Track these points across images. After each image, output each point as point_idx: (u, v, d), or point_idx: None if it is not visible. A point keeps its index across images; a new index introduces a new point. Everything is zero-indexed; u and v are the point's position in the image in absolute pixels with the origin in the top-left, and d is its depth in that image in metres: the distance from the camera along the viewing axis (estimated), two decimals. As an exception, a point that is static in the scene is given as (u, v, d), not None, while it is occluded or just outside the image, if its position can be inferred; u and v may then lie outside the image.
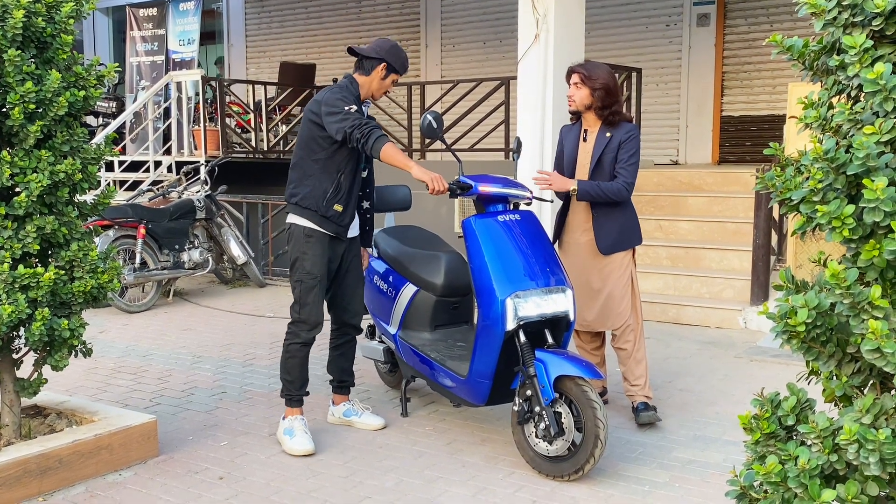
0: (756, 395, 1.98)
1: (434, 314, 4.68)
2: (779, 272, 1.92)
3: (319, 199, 4.18)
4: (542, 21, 7.16)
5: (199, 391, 5.37)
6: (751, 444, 1.91)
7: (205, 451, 4.34)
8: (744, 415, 1.93)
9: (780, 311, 1.80)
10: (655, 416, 4.56)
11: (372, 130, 3.97)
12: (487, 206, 4.21)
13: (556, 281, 4.05)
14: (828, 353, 1.84)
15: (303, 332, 4.30)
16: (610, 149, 4.45)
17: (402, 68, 4.28)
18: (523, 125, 7.27)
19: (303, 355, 4.35)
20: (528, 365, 3.91)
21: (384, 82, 4.27)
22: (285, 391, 4.40)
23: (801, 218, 1.87)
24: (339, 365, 4.61)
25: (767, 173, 1.97)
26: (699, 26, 10.65)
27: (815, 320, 1.78)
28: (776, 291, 6.86)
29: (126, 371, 5.84)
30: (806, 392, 1.96)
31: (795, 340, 1.82)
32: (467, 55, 12.16)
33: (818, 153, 1.75)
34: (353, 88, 4.22)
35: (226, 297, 8.59)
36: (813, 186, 1.77)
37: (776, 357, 6.04)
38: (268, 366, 5.93)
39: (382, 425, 4.57)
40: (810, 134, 2.12)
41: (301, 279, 4.26)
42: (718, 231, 7.89)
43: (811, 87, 3.04)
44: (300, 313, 4.29)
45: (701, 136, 10.73)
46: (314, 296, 4.25)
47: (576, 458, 3.82)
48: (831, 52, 1.97)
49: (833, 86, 1.95)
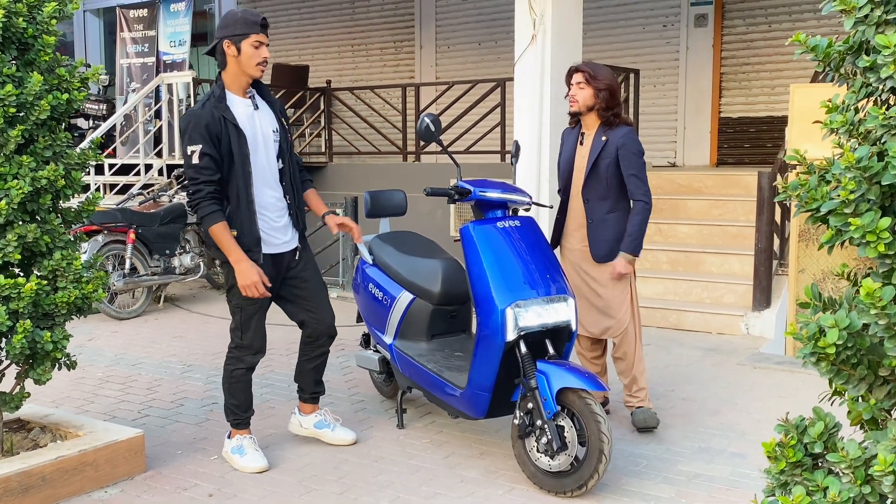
0: (780, 420, 1.84)
1: (431, 323, 4.54)
2: (804, 288, 1.79)
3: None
4: (538, 22, 7.03)
5: (189, 402, 5.22)
6: (775, 473, 1.77)
7: (194, 465, 4.20)
8: (768, 442, 1.79)
9: (807, 332, 1.66)
10: (652, 415, 4.42)
11: (200, 203, 3.75)
12: (486, 211, 4.07)
13: (558, 289, 3.92)
14: (858, 377, 1.71)
15: (247, 357, 4.13)
16: (606, 154, 4.32)
17: (246, 25, 3.76)
18: (520, 127, 7.14)
19: (248, 379, 4.19)
20: (529, 377, 3.78)
21: (244, 55, 3.79)
22: (231, 415, 4.20)
23: (830, 231, 1.73)
24: (311, 376, 4.41)
25: (791, 182, 1.83)
26: (697, 27, 10.54)
27: (846, 342, 1.64)
28: (778, 298, 6.76)
29: (114, 381, 5.69)
30: (834, 417, 1.82)
31: (824, 363, 1.68)
32: (462, 56, 12.03)
33: (850, 161, 1.62)
34: (207, 100, 3.84)
35: (218, 303, 8.43)
36: (844, 197, 1.63)
37: (780, 364, 5.91)
38: (259, 375, 5.76)
39: (354, 440, 4.39)
40: (833, 139, 1.98)
41: (240, 305, 4.04)
42: (719, 235, 7.77)
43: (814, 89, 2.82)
44: (243, 339, 4.10)
45: (699, 138, 10.61)
46: (256, 321, 4.07)
47: (579, 474, 3.69)
48: (858, 52, 1.84)
49: (861, 88, 1.82)
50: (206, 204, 3.77)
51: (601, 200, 4.36)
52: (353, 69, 13.29)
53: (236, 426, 4.21)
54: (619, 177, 4.34)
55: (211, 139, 3.79)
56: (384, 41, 13.00)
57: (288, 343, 6.66)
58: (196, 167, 3.78)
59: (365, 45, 13.20)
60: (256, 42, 3.83)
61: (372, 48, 13.14)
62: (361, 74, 13.15)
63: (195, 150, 3.76)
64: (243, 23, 3.81)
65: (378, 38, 13.07)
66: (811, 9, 9.83)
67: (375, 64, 13.04)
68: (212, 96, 3.87)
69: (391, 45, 12.89)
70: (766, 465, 3.80)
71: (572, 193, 4.46)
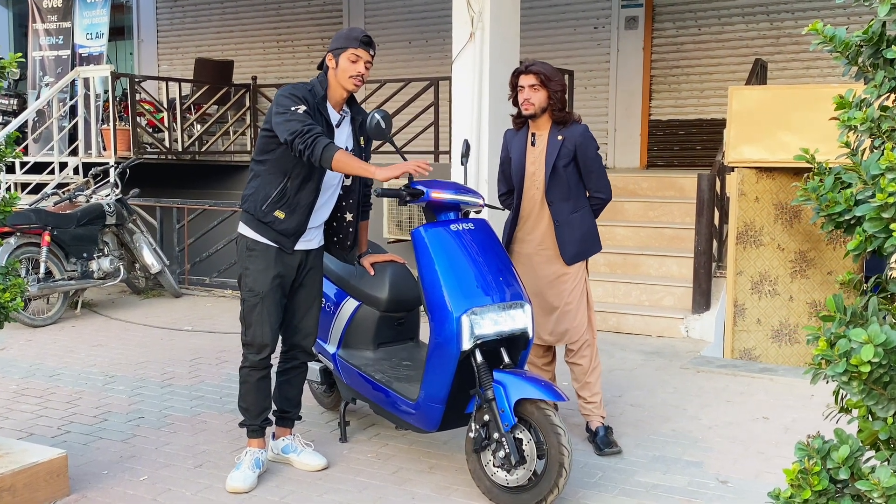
0: (801, 443, 1.69)
1: (377, 331, 4.32)
2: (827, 299, 1.64)
3: (260, 202, 3.77)
4: (477, 19, 6.87)
5: (113, 416, 4.87)
6: (797, 502, 1.62)
7: (122, 487, 3.89)
8: (790, 469, 1.64)
9: (839, 349, 1.51)
10: (618, 450, 4.29)
11: (316, 139, 3.51)
12: (438, 213, 3.87)
13: (513, 295, 3.74)
14: (889, 396, 1.56)
15: (250, 355, 3.89)
16: (564, 153, 4.18)
17: (347, 40, 3.77)
18: (459, 125, 6.97)
19: (255, 380, 3.92)
20: (485, 388, 3.59)
21: (340, 69, 3.77)
22: (243, 420, 4.00)
23: (857, 237, 1.58)
24: (283, 393, 4.15)
25: (810, 183, 1.68)
26: (627, 29, 10.55)
27: (882, 359, 1.50)
28: (716, 300, 6.74)
29: (30, 394, 5.29)
30: (857, 440, 1.68)
31: (856, 382, 1.53)
32: (392, 55, 11.80)
33: (892, 161, 1.47)
34: (314, 88, 3.77)
35: (139, 309, 8.02)
36: (882, 200, 1.48)
37: (722, 367, 5.88)
38: (188, 386, 5.46)
39: (324, 465, 4.08)
40: (841, 138, 1.83)
41: (244, 297, 3.85)
42: (656, 237, 7.73)
43: (752, 91, 2.68)
44: (245, 335, 3.88)
45: (629, 140, 10.62)
46: (258, 315, 3.82)
47: (538, 489, 3.51)
48: (879, 43, 1.70)
49: (883, 83, 1.68)
50: (321, 139, 3.53)
51: (564, 201, 4.21)
52: (279, 65, 12.94)
53: (249, 434, 3.99)
54: (578, 175, 4.22)
55: (310, 111, 3.66)
56: (311, 37, 12.69)
57: (217, 352, 6.35)
58: (301, 115, 3.59)
59: (291, 41, 12.86)
60: (354, 56, 3.75)
61: (298, 44, 12.81)
62: (287, 71, 12.80)
63: (300, 108, 3.61)
64: (346, 38, 3.80)
65: (305, 33, 12.75)
66: (740, 12, 9.92)
67: (302, 60, 12.70)
68: (314, 90, 3.76)
69: (318, 42, 12.57)
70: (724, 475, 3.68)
71: (525, 197, 4.30)
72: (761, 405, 5.06)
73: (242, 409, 3.99)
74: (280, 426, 4.17)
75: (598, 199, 4.33)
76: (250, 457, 3.93)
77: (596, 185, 4.28)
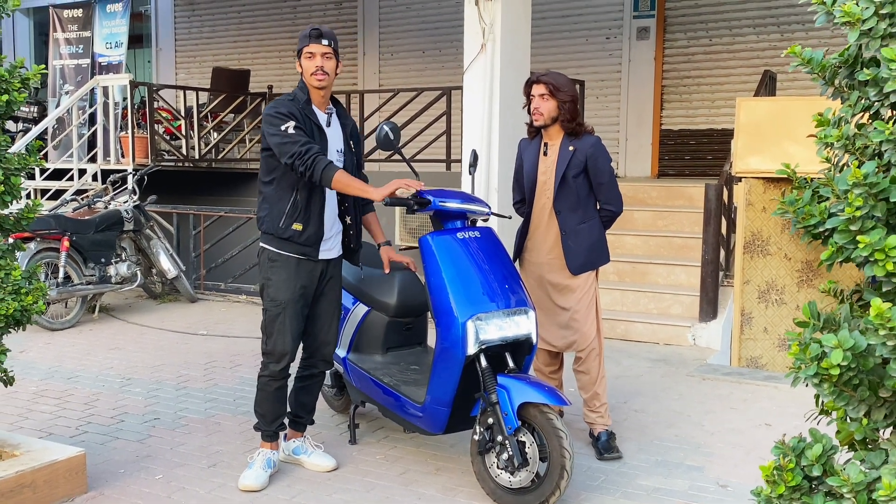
0: (778, 442, 1.79)
1: (386, 336, 4.43)
2: (802, 307, 1.74)
3: (276, 220, 3.87)
4: (488, 31, 6.98)
5: (129, 417, 5.01)
6: (773, 498, 1.71)
7: (138, 485, 4.01)
8: (766, 465, 1.74)
9: (810, 353, 1.61)
10: (618, 455, 4.37)
11: (316, 160, 3.63)
12: (445, 222, 3.98)
13: (518, 302, 3.84)
14: (859, 398, 1.66)
15: (270, 365, 3.97)
16: (575, 164, 4.27)
17: (301, 41, 3.86)
18: (470, 135, 7.08)
19: (273, 389, 4.02)
20: (489, 391, 3.69)
21: (303, 70, 3.86)
22: (257, 424, 4.12)
23: (830, 248, 1.68)
24: (299, 399, 4.24)
25: (788, 196, 1.78)
26: (639, 40, 10.63)
27: (850, 362, 1.59)
28: (723, 309, 6.81)
29: (49, 395, 5.44)
30: (830, 439, 1.77)
31: (827, 384, 1.63)
32: (406, 64, 11.94)
33: (858, 177, 1.57)
34: (295, 96, 3.88)
35: (155, 314, 8.17)
36: (850, 214, 1.59)
37: (728, 375, 5.95)
38: (203, 388, 5.59)
39: (333, 467, 4.18)
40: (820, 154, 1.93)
41: (266, 307, 3.95)
42: (665, 246, 7.82)
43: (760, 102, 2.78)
44: (266, 344, 3.97)
45: (640, 150, 10.70)
46: (279, 324, 3.92)
47: (540, 490, 3.61)
48: (854, 65, 1.80)
49: (857, 102, 1.78)
50: (320, 158, 3.66)
51: (573, 211, 4.31)
52: (295, 75, 12.99)
53: (263, 437, 4.10)
54: (589, 186, 4.31)
55: (299, 124, 3.78)
56: (326, 47, 12.82)
57: (231, 355, 6.48)
58: (295, 135, 3.71)
59: (306, 50, 13.01)
60: (308, 53, 3.85)
61: (314, 54, 12.95)
62: (302, 80, 12.95)
63: (289, 126, 3.72)
64: (300, 39, 3.90)
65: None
66: (751, 23, 10.00)
67: (317, 70, 12.84)
68: (297, 98, 3.87)
69: (333, 52, 12.71)
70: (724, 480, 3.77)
71: (537, 206, 4.39)
72: (764, 412, 5.14)
73: (258, 414, 4.10)
74: (293, 429, 4.28)
75: (608, 211, 4.39)
76: (262, 457, 4.05)
77: (606, 196, 4.36)
